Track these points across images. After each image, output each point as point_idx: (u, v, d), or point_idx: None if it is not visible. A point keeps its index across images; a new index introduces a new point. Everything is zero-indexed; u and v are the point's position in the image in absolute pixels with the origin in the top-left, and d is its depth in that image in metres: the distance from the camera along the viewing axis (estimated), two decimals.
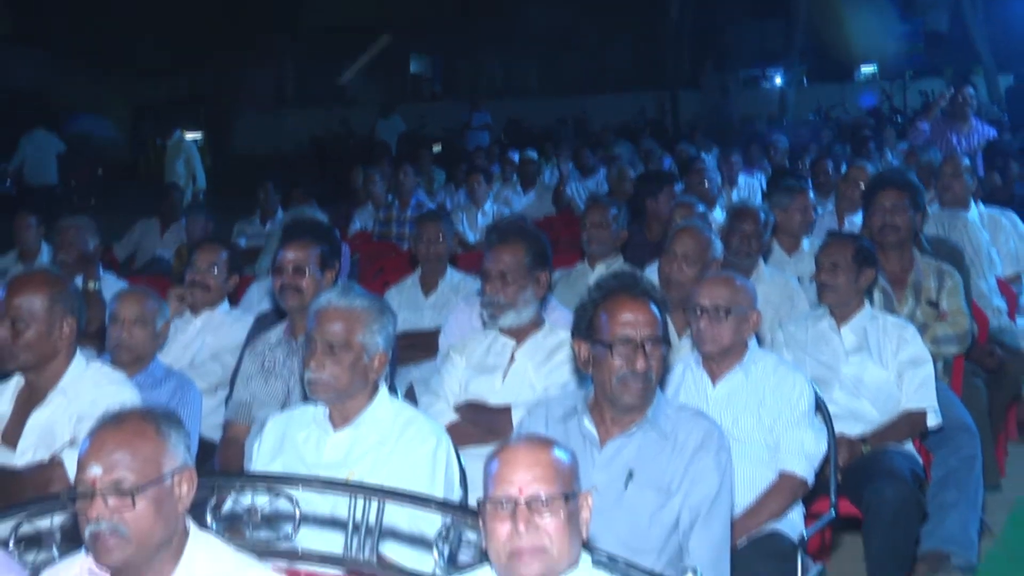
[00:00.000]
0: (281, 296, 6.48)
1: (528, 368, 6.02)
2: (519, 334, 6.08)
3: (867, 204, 8.13)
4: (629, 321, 4.56)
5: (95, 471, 3.28)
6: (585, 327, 4.71)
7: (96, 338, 6.77)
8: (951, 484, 6.77)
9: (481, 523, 3.33)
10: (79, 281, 7.94)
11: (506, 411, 5.69)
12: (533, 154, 18.23)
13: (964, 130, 13.66)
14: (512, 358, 6.05)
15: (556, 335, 6.07)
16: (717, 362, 5.65)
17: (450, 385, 6.01)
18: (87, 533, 3.30)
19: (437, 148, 24.66)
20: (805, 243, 8.88)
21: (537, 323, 6.15)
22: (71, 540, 3.88)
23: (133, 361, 5.95)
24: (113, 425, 3.41)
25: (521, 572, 3.21)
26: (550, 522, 3.20)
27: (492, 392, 5.97)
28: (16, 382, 5.28)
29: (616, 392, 4.58)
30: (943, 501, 6.68)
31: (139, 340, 6.09)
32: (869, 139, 18.57)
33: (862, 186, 9.86)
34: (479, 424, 5.77)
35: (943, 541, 6.63)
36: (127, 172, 28.10)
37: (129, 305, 6.09)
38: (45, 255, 9.43)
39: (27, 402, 5.23)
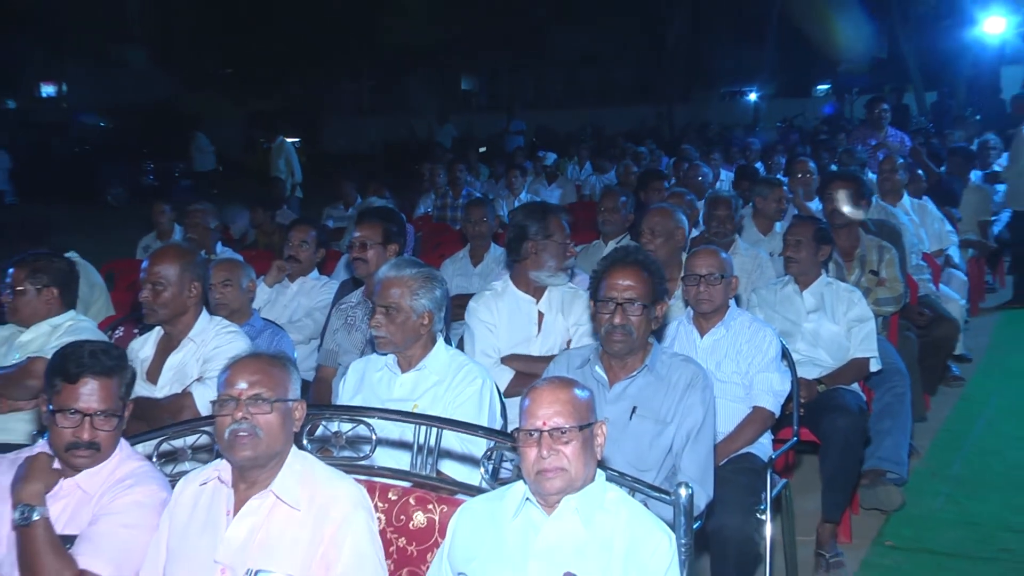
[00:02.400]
0: (352, 266, 6.55)
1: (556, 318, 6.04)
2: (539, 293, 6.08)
3: (821, 194, 8.26)
4: (615, 285, 4.64)
5: (241, 386, 3.44)
6: (592, 290, 4.79)
7: None
8: (887, 415, 6.81)
9: (516, 447, 3.34)
10: (203, 253, 8.04)
11: (548, 358, 5.68)
12: (553, 157, 18.48)
13: (880, 136, 13.84)
14: (540, 314, 6.04)
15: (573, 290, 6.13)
16: (706, 319, 5.65)
17: (494, 345, 6.01)
18: (227, 434, 3.41)
19: (482, 149, 24.61)
20: (777, 226, 8.86)
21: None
22: (202, 454, 3.99)
23: (230, 315, 5.92)
24: (255, 357, 3.62)
25: (545, 487, 3.22)
26: (568, 448, 3.22)
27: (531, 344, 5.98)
28: (156, 333, 5.33)
29: (604, 341, 4.69)
30: (880, 429, 6.72)
31: (229, 297, 6.13)
32: (825, 141, 18.63)
33: (807, 176, 10.12)
34: (530, 371, 5.75)
35: (880, 460, 6.67)
36: (240, 168, 28.03)
37: (218, 271, 6.10)
38: (178, 234, 9.47)
39: (165, 349, 5.30)
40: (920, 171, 11.52)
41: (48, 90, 44.28)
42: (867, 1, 38.64)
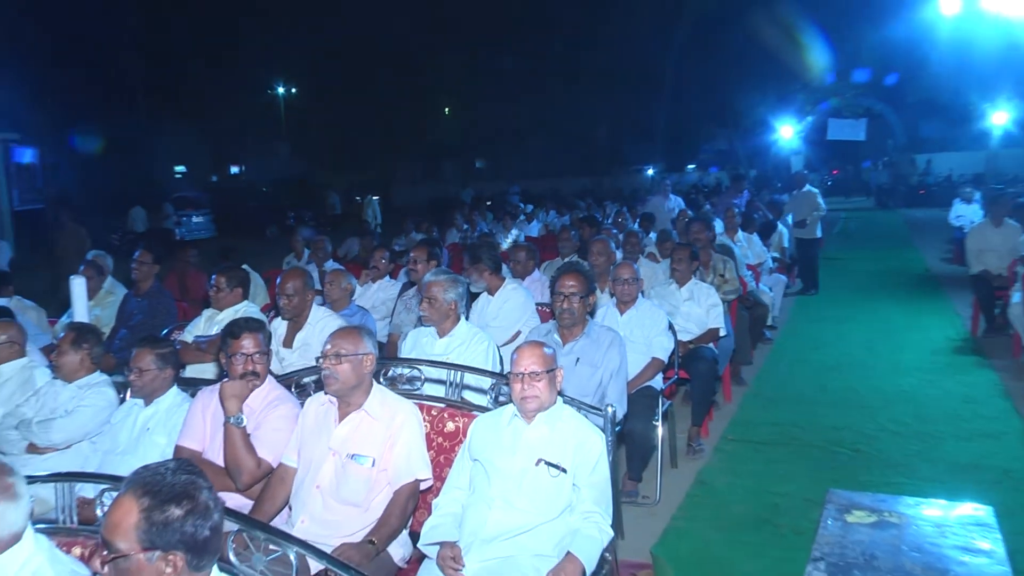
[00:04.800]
0: (409, 273, 6.70)
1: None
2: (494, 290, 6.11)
3: (685, 231, 8.25)
4: (564, 284, 4.68)
5: (328, 347, 3.36)
6: (551, 287, 4.83)
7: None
8: (723, 362, 6.76)
9: (508, 383, 3.28)
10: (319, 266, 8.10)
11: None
12: (531, 207, 18.59)
13: (738, 196, 13.87)
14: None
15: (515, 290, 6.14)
16: (624, 305, 5.61)
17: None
18: (323, 375, 3.37)
19: (489, 203, 24.59)
20: None
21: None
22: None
23: (333, 303, 6.05)
24: (341, 329, 3.54)
25: (526, 408, 3.18)
26: (540, 383, 3.17)
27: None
28: (283, 325, 5.37)
29: (557, 318, 4.75)
30: (719, 372, 6.67)
31: (335, 294, 6.13)
32: (694, 199, 18.73)
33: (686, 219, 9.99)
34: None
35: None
36: (346, 215, 28.34)
37: (329, 276, 6.10)
38: (306, 254, 9.45)
39: (294, 328, 5.31)
40: (755, 214, 11.62)
41: (234, 169, 44.64)
42: (714, 117, 39.07)
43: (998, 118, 19.45)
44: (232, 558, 2.50)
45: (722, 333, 6.48)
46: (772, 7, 31.99)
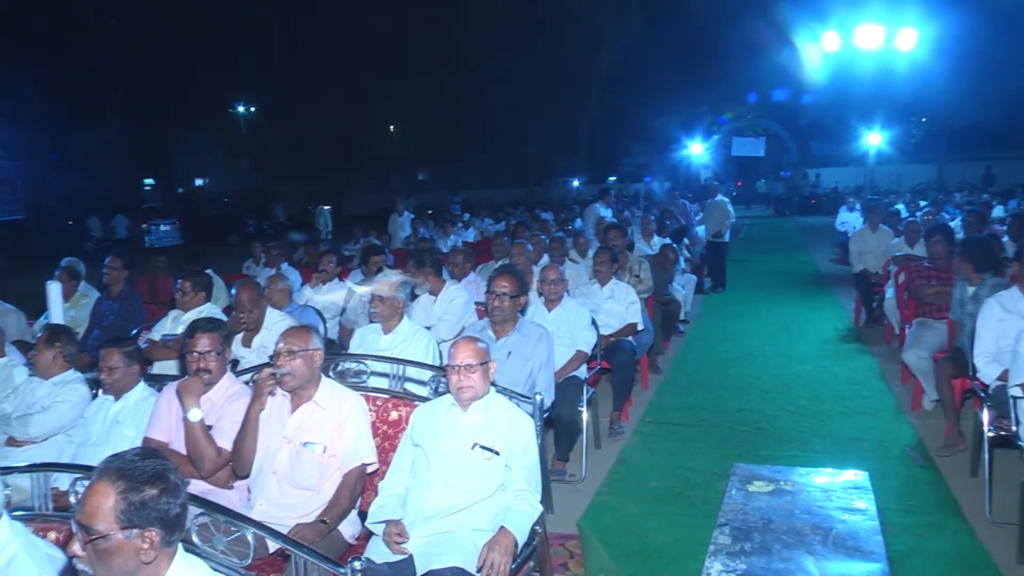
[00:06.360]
0: (364, 272, 6.88)
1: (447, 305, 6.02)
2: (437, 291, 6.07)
3: (604, 236, 8.20)
4: (497, 284, 4.65)
5: (281, 345, 3.29)
6: (487, 287, 4.78)
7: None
8: (641, 353, 6.79)
9: (446, 375, 3.26)
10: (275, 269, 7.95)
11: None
12: (468, 215, 18.57)
13: (674, 204, 13.73)
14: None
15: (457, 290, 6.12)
16: (552, 303, 5.61)
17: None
18: (278, 375, 3.28)
19: (430, 211, 24.45)
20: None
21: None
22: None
23: (277, 302, 5.89)
24: (290, 328, 3.47)
25: (461, 397, 3.15)
26: (474, 375, 3.13)
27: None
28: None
29: (490, 315, 4.71)
30: (637, 361, 6.72)
31: (276, 296, 5.98)
32: (623, 208, 18.85)
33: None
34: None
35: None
36: (299, 223, 28.01)
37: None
38: (263, 257, 9.34)
39: (252, 331, 5.23)
40: (668, 221, 11.77)
41: (199, 182, 43.65)
42: (633, 134, 39.50)
43: (873, 139, 20.26)
44: (195, 539, 2.46)
45: (640, 327, 6.51)
46: (683, 40, 32.61)
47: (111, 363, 3.92)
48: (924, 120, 31.29)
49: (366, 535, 3.25)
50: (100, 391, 4.12)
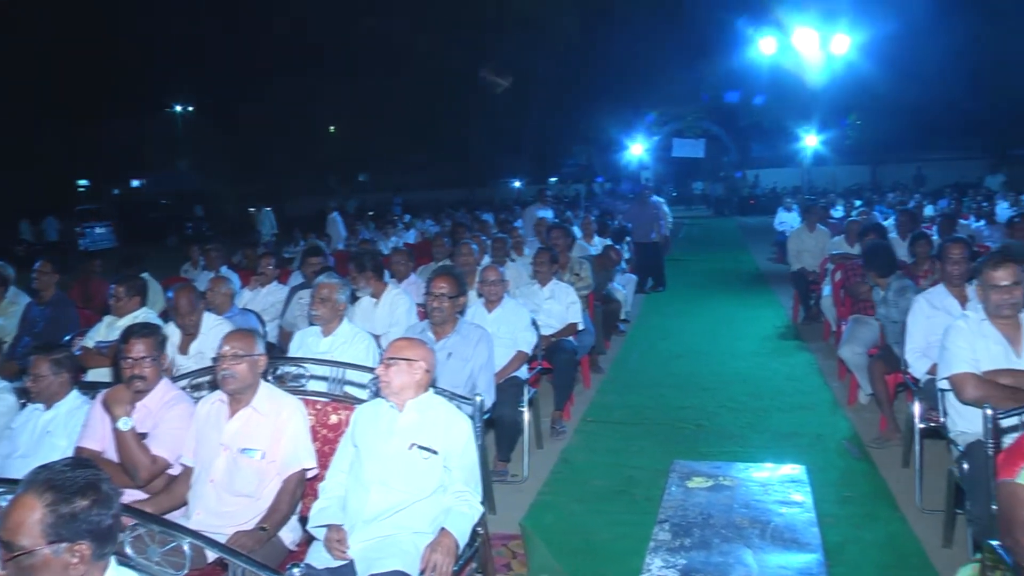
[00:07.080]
0: (306, 276, 6.67)
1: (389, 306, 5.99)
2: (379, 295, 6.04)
3: (547, 236, 8.27)
4: (436, 285, 4.69)
5: (227, 348, 3.24)
6: (426, 288, 4.81)
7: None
8: (582, 352, 6.83)
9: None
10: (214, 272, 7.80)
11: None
12: (408, 216, 18.54)
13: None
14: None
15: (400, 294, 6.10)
16: (491, 304, 5.61)
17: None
18: (220, 376, 3.25)
19: (371, 213, 24.24)
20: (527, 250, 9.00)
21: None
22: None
23: (218, 307, 5.71)
24: (234, 331, 3.40)
25: (384, 392, 3.12)
26: (397, 371, 3.10)
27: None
28: (178, 332, 5.11)
29: (430, 316, 4.74)
30: (578, 361, 6.76)
31: (219, 300, 5.82)
32: (567, 207, 18.99)
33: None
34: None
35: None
36: (240, 224, 27.53)
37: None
38: (202, 261, 9.17)
39: (187, 338, 5.11)
40: (610, 222, 11.85)
41: (136, 183, 42.60)
42: (575, 135, 39.78)
43: (810, 140, 20.78)
44: (129, 551, 2.39)
45: (580, 327, 6.55)
46: (623, 41, 32.92)
47: (39, 371, 3.79)
48: (859, 123, 32.17)
49: (307, 540, 3.22)
50: (28, 400, 3.99)
